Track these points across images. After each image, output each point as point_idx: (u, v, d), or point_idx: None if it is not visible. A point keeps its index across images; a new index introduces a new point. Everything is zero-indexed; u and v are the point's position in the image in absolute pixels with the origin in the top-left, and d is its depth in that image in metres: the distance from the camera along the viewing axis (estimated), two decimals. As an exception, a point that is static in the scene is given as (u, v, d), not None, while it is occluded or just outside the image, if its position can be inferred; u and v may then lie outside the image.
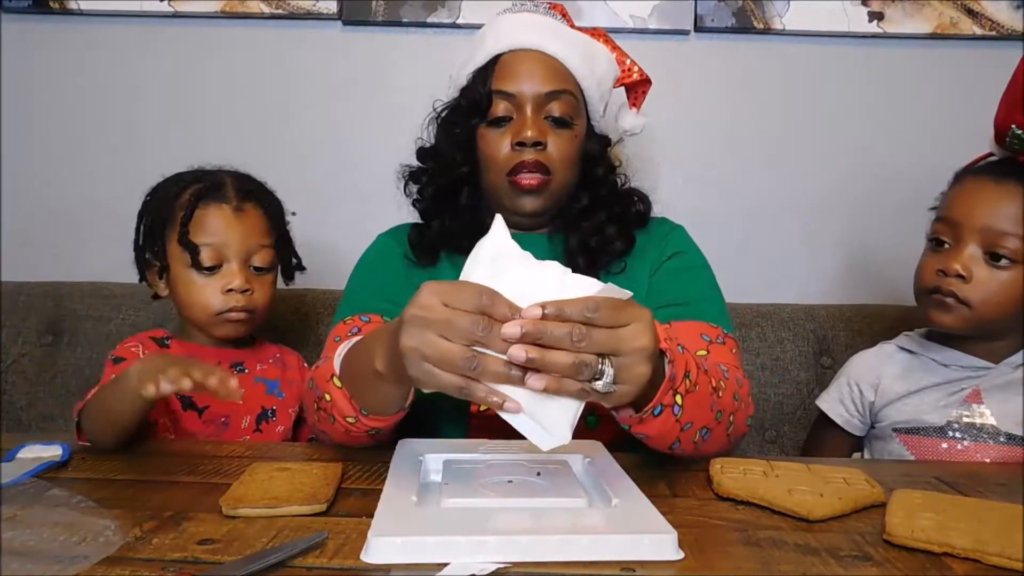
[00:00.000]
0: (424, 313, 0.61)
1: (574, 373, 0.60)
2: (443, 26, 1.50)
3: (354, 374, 0.77)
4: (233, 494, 0.68)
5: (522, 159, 0.99)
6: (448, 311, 0.60)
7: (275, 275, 1.11)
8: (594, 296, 0.60)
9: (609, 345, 0.60)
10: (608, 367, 0.61)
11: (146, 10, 1.50)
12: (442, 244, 1.08)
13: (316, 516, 0.66)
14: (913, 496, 0.68)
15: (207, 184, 1.06)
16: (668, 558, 0.57)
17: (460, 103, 1.05)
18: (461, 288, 0.61)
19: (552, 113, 1.01)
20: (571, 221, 1.06)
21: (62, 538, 0.59)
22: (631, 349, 0.61)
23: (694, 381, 0.74)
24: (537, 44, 1.02)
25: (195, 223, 1.03)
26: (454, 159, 1.04)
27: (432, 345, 0.60)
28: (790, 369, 1.35)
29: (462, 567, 0.55)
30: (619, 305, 0.61)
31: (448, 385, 0.62)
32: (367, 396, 0.77)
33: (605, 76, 1.07)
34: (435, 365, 0.61)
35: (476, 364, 0.60)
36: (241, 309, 1.04)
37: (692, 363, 0.75)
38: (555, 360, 0.59)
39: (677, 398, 0.72)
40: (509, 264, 0.63)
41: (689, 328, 0.96)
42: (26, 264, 1.53)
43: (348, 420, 0.80)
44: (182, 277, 1.04)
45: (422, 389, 0.66)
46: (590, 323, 0.60)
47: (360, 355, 0.76)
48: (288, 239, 1.15)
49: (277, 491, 0.69)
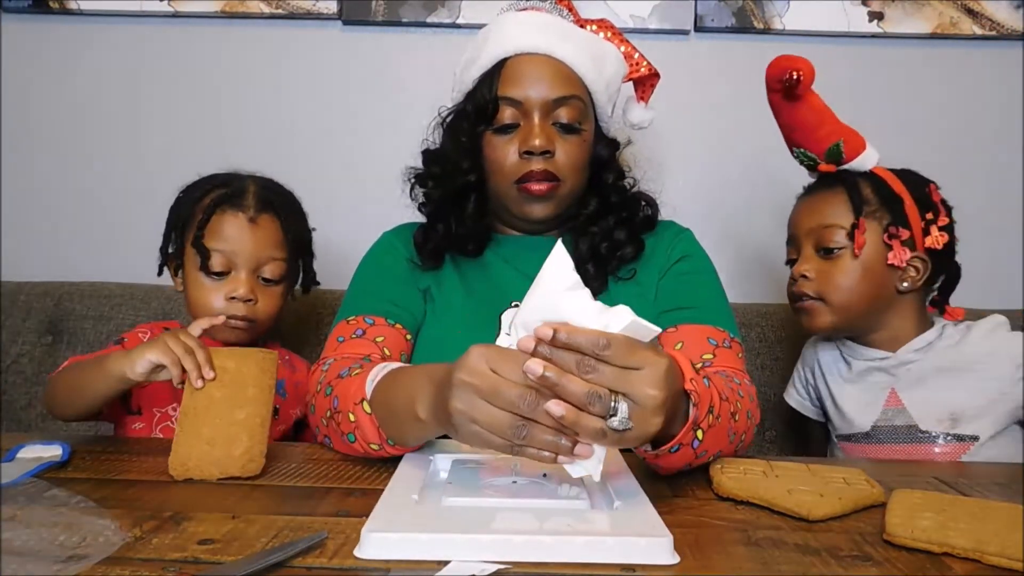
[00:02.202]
0: (473, 380, 0.62)
1: (587, 403, 0.59)
2: (443, 26, 1.50)
3: (391, 410, 0.77)
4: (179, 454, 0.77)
5: (530, 168, 0.98)
6: (496, 380, 0.62)
7: (285, 287, 1.11)
8: (610, 333, 0.60)
9: (618, 383, 0.60)
10: (622, 404, 0.60)
11: (146, 10, 1.50)
12: (447, 248, 1.07)
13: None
14: (913, 496, 0.68)
15: (229, 191, 1.07)
16: (663, 562, 0.57)
17: (466, 108, 1.04)
18: (508, 357, 0.62)
19: (560, 119, 1.00)
20: (580, 226, 1.05)
21: (62, 538, 0.59)
22: (642, 394, 0.60)
23: (716, 414, 0.72)
24: (545, 48, 1.00)
25: (211, 228, 1.04)
26: (460, 165, 1.03)
27: (481, 411, 0.62)
28: (790, 369, 1.34)
29: (462, 567, 0.55)
30: (634, 346, 0.61)
31: (497, 447, 0.64)
32: (401, 432, 0.77)
33: (614, 76, 1.06)
34: (484, 428, 0.63)
35: (525, 432, 0.61)
36: (241, 318, 1.04)
37: (716, 396, 0.73)
38: (568, 384, 0.59)
39: (698, 433, 0.71)
40: (561, 299, 0.62)
41: (696, 332, 0.96)
42: (26, 264, 1.53)
43: (372, 447, 0.80)
44: (192, 277, 1.06)
45: (470, 446, 0.67)
46: (601, 358, 0.59)
47: (399, 395, 0.76)
48: (306, 253, 1.16)
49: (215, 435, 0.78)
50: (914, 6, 1.47)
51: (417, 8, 1.49)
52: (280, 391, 1.12)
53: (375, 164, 1.51)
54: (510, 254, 1.07)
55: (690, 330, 0.96)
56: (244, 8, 1.49)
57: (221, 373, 0.83)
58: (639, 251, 1.05)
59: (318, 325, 1.37)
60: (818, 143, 1.06)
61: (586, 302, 0.62)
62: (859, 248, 1.02)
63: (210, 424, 0.80)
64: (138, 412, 1.06)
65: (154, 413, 1.06)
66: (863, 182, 1.06)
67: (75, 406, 0.96)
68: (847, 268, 1.03)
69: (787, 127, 1.09)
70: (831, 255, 1.05)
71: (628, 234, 1.05)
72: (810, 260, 1.06)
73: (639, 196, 1.10)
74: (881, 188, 1.05)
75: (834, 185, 1.07)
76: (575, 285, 0.62)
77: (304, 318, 1.38)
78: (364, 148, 1.54)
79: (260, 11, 1.49)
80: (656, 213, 1.11)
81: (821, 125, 1.05)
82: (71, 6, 1.50)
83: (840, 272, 1.04)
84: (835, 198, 1.06)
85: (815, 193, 1.10)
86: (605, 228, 1.04)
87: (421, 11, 1.49)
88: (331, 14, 1.49)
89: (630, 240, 1.05)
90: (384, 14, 1.49)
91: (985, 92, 1.51)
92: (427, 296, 1.06)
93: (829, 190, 1.07)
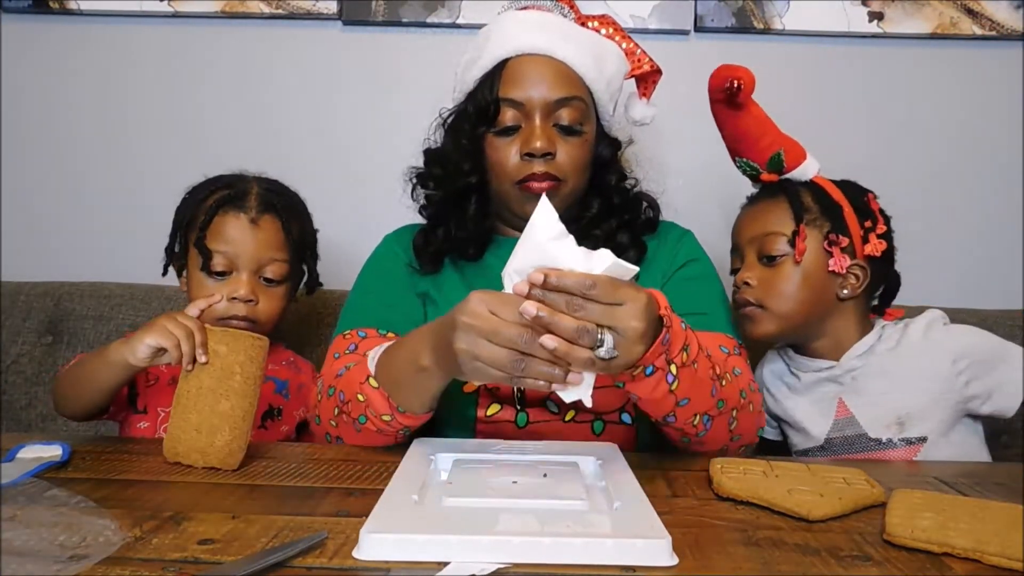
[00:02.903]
0: (474, 321, 0.70)
1: (576, 337, 0.66)
2: (443, 26, 1.50)
3: (395, 372, 0.83)
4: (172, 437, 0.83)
5: (532, 170, 0.99)
6: (496, 321, 0.69)
7: (287, 288, 1.11)
8: (594, 274, 0.67)
9: (604, 318, 0.67)
10: (608, 336, 0.67)
11: (146, 10, 1.50)
12: (447, 250, 1.08)
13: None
14: (913, 496, 0.68)
15: (231, 192, 1.08)
16: (662, 563, 0.57)
17: (467, 109, 1.04)
18: (505, 301, 0.70)
19: (561, 121, 1.00)
20: (582, 229, 1.05)
21: (62, 538, 0.59)
22: (625, 326, 0.67)
23: (692, 358, 0.77)
24: (545, 48, 0.99)
25: (212, 229, 1.05)
26: (461, 166, 1.03)
27: (483, 348, 0.70)
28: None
29: (462, 567, 0.55)
30: (617, 285, 0.67)
31: (498, 379, 0.72)
32: (407, 392, 0.83)
33: (615, 75, 1.05)
34: (486, 364, 0.70)
35: (524, 365, 0.69)
36: (243, 318, 1.05)
37: (694, 342, 0.78)
38: (559, 321, 0.66)
39: (672, 367, 0.75)
40: (549, 247, 0.69)
41: (710, 339, 0.96)
42: (26, 264, 1.53)
43: (384, 418, 0.85)
44: (194, 277, 1.07)
45: (472, 381, 0.78)
46: (587, 297, 0.66)
47: (401, 354, 0.83)
48: (309, 254, 1.16)
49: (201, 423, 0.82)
50: (914, 6, 1.47)
51: (417, 8, 1.49)
52: (283, 392, 1.13)
53: (375, 164, 1.51)
54: (511, 254, 1.07)
55: (704, 337, 0.96)
56: (244, 8, 1.49)
57: (213, 357, 0.85)
58: (641, 254, 1.06)
59: (319, 325, 1.37)
60: (760, 153, 1.07)
61: (572, 249, 0.69)
62: (800, 255, 1.02)
63: (197, 411, 0.83)
64: (144, 411, 1.07)
65: (159, 412, 1.06)
66: (804, 191, 1.07)
67: (81, 401, 0.97)
68: (788, 275, 1.04)
69: (731, 137, 1.10)
70: (773, 262, 1.05)
71: (630, 238, 1.06)
72: (752, 268, 1.07)
73: (641, 197, 1.11)
74: (821, 196, 1.06)
75: (776, 194, 1.08)
76: (561, 234, 0.70)
77: (305, 318, 1.38)
78: (364, 148, 1.53)
79: (260, 11, 1.49)
80: (658, 215, 1.12)
81: (763, 135, 1.07)
82: (71, 6, 1.50)
83: (782, 279, 1.04)
84: (776, 207, 1.07)
85: (757, 203, 1.11)
86: (608, 231, 1.05)
87: (421, 11, 1.49)
88: (331, 14, 1.49)
89: (632, 244, 1.05)
90: (384, 14, 1.49)
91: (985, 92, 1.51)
92: (426, 300, 1.07)
93: (771, 199, 1.08)
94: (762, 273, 1.06)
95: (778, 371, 1.15)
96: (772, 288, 1.04)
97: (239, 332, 0.87)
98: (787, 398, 1.11)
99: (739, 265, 1.11)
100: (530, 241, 0.70)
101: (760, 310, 1.05)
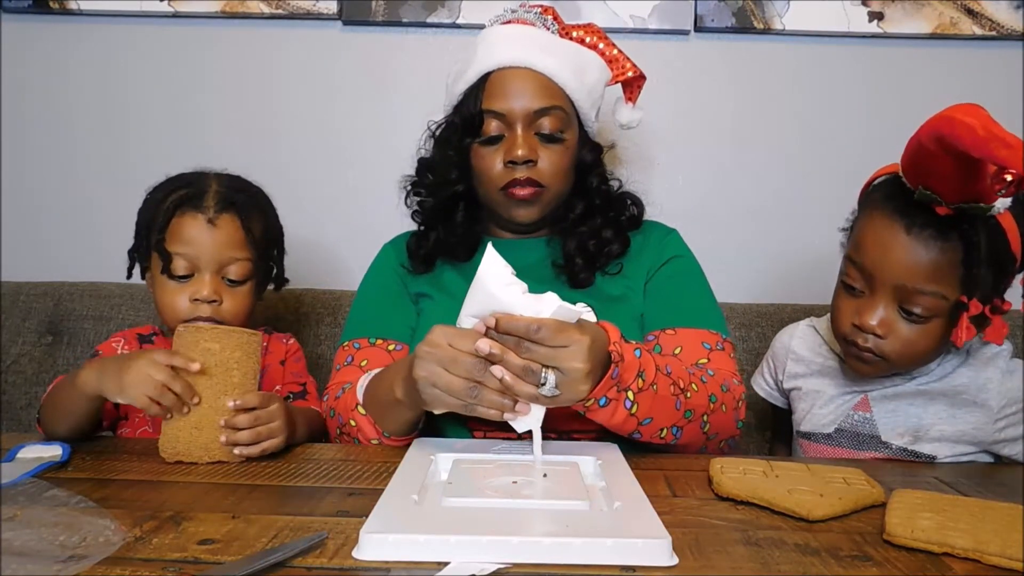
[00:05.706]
0: (433, 350, 0.76)
1: (523, 374, 0.74)
2: (443, 26, 1.50)
3: (377, 402, 0.90)
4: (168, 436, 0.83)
5: (514, 176, 1.02)
6: (454, 352, 0.75)
7: (252, 287, 1.08)
8: (541, 318, 0.73)
9: (548, 359, 0.74)
10: (550, 375, 0.74)
11: (146, 10, 1.50)
12: (439, 253, 1.12)
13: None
14: (913, 496, 0.68)
15: (188, 192, 1.05)
16: (662, 563, 0.57)
17: (454, 120, 1.08)
18: (463, 335, 0.76)
19: (542, 129, 1.03)
20: (568, 227, 1.08)
21: (62, 538, 0.59)
22: (568, 367, 0.73)
23: (650, 381, 0.81)
24: (526, 61, 1.03)
25: (171, 231, 1.03)
26: (449, 176, 1.07)
27: (440, 376, 0.76)
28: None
29: (461, 567, 0.55)
30: (562, 328, 0.73)
31: (453, 406, 0.78)
32: (389, 420, 0.90)
33: (596, 84, 1.09)
34: (443, 391, 0.77)
35: (476, 393, 0.76)
36: (207, 319, 1.03)
37: (651, 366, 0.82)
38: (508, 359, 0.74)
39: (628, 394, 0.80)
40: (499, 294, 0.75)
41: (691, 336, 1.00)
42: (26, 264, 1.53)
43: (373, 442, 0.92)
44: (158, 280, 1.05)
45: (432, 411, 0.82)
46: (534, 340, 0.73)
47: (382, 384, 0.90)
48: (274, 251, 1.14)
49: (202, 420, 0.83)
50: (914, 6, 1.47)
51: (417, 8, 1.49)
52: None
53: (374, 164, 1.51)
54: (501, 255, 1.09)
55: (685, 333, 1.00)
56: (244, 8, 1.49)
57: (206, 356, 0.85)
58: (625, 247, 1.09)
59: (318, 324, 1.38)
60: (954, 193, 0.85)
61: (520, 295, 0.75)
62: (960, 341, 0.86)
63: (196, 409, 0.84)
64: (125, 417, 1.08)
65: (135, 419, 1.07)
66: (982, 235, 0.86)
67: (67, 424, 0.93)
68: (924, 335, 0.91)
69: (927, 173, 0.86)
70: (911, 317, 0.91)
71: (615, 232, 1.09)
72: (889, 318, 0.92)
73: (625, 196, 1.14)
74: (998, 245, 0.87)
75: (947, 234, 0.87)
76: (511, 281, 0.76)
77: (304, 317, 1.38)
78: (363, 148, 1.53)
79: (260, 11, 1.49)
80: (642, 212, 1.15)
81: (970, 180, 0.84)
82: (71, 6, 1.50)
83: (918, 338, 0.91)
84: (944, 256, 0.88)
85: (915, 233, 0.89)
86: (593, 227, 1.08)
87: (421, 11, 1.49)
88: (331, 14, 1.49)
89: (616, 237, 1.09)
90: (384, 14, 1.49)
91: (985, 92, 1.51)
92: (423, 298, 1.10)
93: (941, 240, 0.88)
94: (899, 329, 0.92)
95: (812, 344, 1.09)
96: (903, 345, 0.92)
97: (231, 328, 0.88)
98: (814, 375, 1.07)
99: (861, 287, 0.95)
100: (481, 290, 0.76)
101: (880, 360, 0.94)
